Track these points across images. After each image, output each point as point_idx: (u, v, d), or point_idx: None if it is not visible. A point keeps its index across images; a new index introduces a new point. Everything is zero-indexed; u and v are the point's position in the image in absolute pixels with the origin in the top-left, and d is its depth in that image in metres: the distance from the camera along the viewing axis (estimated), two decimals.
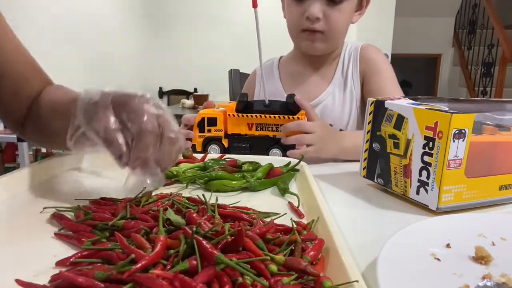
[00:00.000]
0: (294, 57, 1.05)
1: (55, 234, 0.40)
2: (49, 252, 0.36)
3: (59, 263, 0.34)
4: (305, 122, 0.74)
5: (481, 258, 0.36)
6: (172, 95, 4.48)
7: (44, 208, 0.46)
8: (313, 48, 0.93)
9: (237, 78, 1.83)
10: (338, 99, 0.98)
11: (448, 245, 0.39)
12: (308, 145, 0.73)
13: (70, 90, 0.62)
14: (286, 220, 0.44)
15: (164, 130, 0.47)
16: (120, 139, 0.45)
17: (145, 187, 0.49)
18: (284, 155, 0.74)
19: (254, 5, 0.72)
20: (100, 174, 0.64)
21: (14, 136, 2.28)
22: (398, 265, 0.34)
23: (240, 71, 1.89)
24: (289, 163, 0.63)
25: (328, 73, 1.00)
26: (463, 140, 0.48)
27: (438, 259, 0.36)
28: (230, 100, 1.95)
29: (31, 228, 0.43)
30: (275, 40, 1.88)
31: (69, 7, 3.20)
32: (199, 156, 0.66)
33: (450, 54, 5.76)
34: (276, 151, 0.75)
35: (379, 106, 0.58)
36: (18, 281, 0.29)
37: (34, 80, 0.66)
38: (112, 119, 0.45)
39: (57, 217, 0.43)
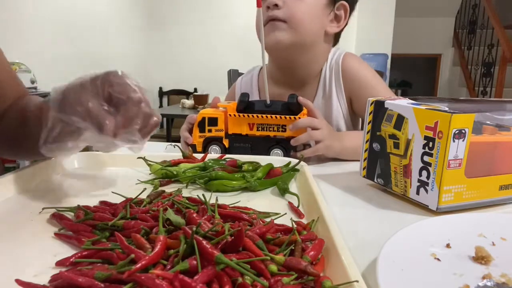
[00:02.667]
0: (274, 77, 0.99)
1: (55, 234, 0.40)
2: (49, 252, 0.36)
3: (59, 263, 0.34)
4: (315, 119, 0.74)
5: (481, 258, 0.36)
6: (172, 95, 4.48)
7: (43, 208, 0.46)
8: (276, 39, 0.86)
9: (236, 78, 1.84)
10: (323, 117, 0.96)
11: (448, 245, 0.39)
12: (316, 142, 0.73)
13: (42, 99, 0.62)
14: (286, 220, 0.44)
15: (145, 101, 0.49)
16: (102, 112, 0.46)
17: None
18: (286, 155, 0.74)
19: (258, 4, 0.71)
20: (101, 173, 0.64)
21: None
22: (398, 265, 0.34)
23: (239, 71, 1.89)
24: (289, 163, 0.63)
25: (310, 93, 0.97)
26: (463, 140, 0.48)
27: (438, 259, 0.36)
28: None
29: (31, 228, 0.42)
30: None
31: (69, 6, 3.20)
32: (199, 156, 0.66)
33: (450, 54, 5.77)
34: (277, 151, 0.74)
35: (379, 106, 0.58)
36: (18, 281, 0.29)
37: (10, 89, 0.65)
38: (93, 98, 0.47)
39: (57, 217, 0.43)
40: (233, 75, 1.80)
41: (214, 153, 0.76)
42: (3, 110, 0.64)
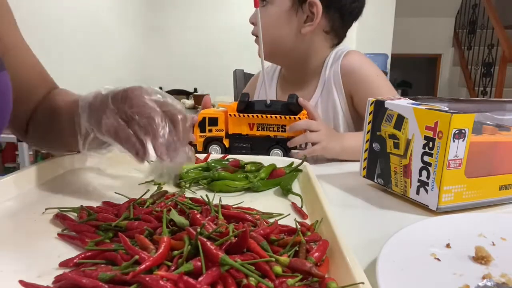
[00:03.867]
0: (285, 76, 1.08)
1: (58, 234, 0.40)
2: (53, 253, 0.36)
3: (62, 264, 0.34)
4: (312, 120, 0.74)
5: (481, 258, 0.36)
6: (172, 95, 4.48)
7: (46, 209, 0.46)
8: (258, 53, 0.95)
9: (242, 78, 1.83)
10: (320, 112, 0.98)
11: (448, 245, 0.39)
12: (313, 144, 0.74)
13: (72, 93, 0.63)
14: (290, 220, 0.44)
15: (170, 112, 0.49)
16: (132, 137, 0.47)
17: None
18: (285, 155, 0.74)
19: (256, 4, 0.72)
20: (104, 173, 0.64)
21: (14, 136, 2.28)
22: (398, 265, 0.34)
23: (244, 71, 1.88)
24: (292, 163, 0.63)
25: (312, 86, 1.00)
26: (463, 140, 0.48)
27: (438, 259, 0.36)
28: (234, 100, 1.95)
29: (35, 228, 0.43)
30: None
31: (69, 6, 3.20)
32: (201, 156, 0.67)
33: (450, 54, 5.77)
34: (277, 151, 0.75)
35: (379, 106, 0.58)
36: (21, 282, 0.29)
37: (41, 86, 0.66)
38: (115, 119, 0.47)
39: (60, 218, 0.43)
40: (239, 75, 1.80)
41: (214, 153, 0.76)
42: (35, 106, 0.64)
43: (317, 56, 0.98)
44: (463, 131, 0.48)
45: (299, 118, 0.74)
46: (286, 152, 0.75)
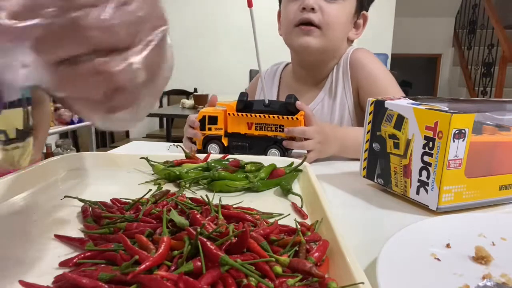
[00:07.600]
0: (296, 74, 1.07)
1: (56, 236, 0.39)
2: (53, 253, 0.36)
3: (62, 264, 0.34)
4: (307, 129, 0.75)
5: (481, 258, 0.36)
6: (172, 95, 4.48)
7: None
8: (307, 44, 0.90)
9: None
10: (326, 107, 0.99)
11: (448, 245, 0.39)
12: (308, 151, 0.75)
13: None
14: (290, 220, 0.44)
15: None
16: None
17: None
18: (282, 155, 0.75)
19: (249, 4, 0.72)
20: (104, 173, 0.64)
21: None
22: (398, 265, 0.34)
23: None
24: (292, 163, 0.63)
25: (321, 82, 1.02)
26: (463, 140, 0.48)
27: (438, 259, 0.36)
28: None
29: (35, 228, 0.43)
30: (274, 40, 1.88)
31: None
32: (201, 156, 0.67)
33: (450, 54, 5.77)
34: (274, 151, 0.76)
35: (379, 106, 0.58)
36: (21, 282, 0.29)
37: None
38: None
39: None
40: (254, 75, 1.84)
41: (213, 152, 0.77)
42: None
43: (338, 58, 1.01)
44: (463, 131, 0.48)
45: (297, 118, 0.74)
46: (284, 152, 0.75)
